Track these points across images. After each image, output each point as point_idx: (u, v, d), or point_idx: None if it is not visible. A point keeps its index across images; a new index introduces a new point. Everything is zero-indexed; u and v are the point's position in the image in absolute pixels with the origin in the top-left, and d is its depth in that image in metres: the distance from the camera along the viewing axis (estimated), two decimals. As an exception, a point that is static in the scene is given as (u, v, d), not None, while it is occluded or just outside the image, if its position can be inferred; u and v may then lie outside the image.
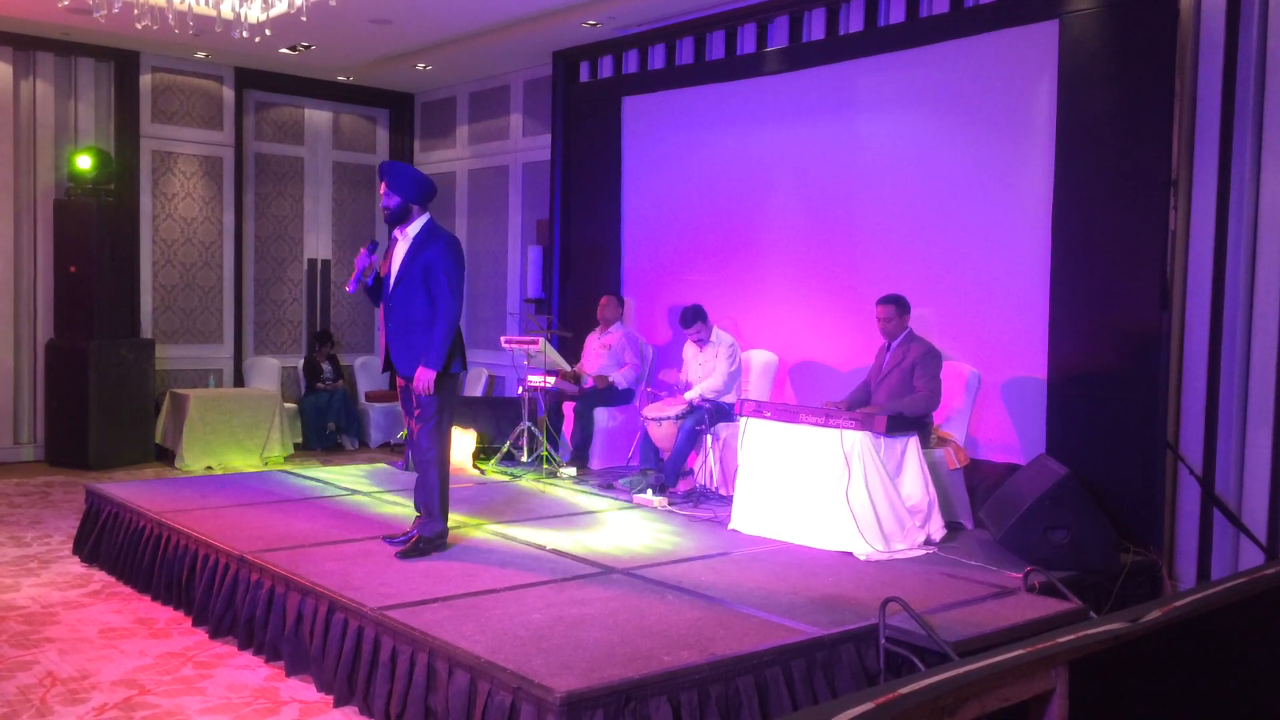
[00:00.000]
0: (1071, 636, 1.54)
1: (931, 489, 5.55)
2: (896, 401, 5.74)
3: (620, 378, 7.82)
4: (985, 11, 6.36)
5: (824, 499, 5.36)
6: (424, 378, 4.97)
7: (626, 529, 5.73)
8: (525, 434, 7.84)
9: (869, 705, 1.28)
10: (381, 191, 5.10)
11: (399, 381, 5.32)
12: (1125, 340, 5.66)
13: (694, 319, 6.96)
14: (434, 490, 5.08)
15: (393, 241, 5.21)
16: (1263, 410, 5.36)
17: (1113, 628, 1.58)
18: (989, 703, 1.42)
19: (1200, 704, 1.86)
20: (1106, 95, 5.74)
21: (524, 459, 7.77)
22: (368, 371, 11.03)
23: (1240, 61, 5.44)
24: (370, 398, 10.68)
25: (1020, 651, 1.47)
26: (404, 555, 4.94)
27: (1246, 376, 5.44)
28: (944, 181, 6.52)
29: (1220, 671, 1.91)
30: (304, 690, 4.21)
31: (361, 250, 5.20)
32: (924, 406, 5.77)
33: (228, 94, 10.14)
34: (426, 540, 5.03)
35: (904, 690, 1.29)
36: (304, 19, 6.81)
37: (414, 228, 5.08)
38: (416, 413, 5.13)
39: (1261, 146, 5.38)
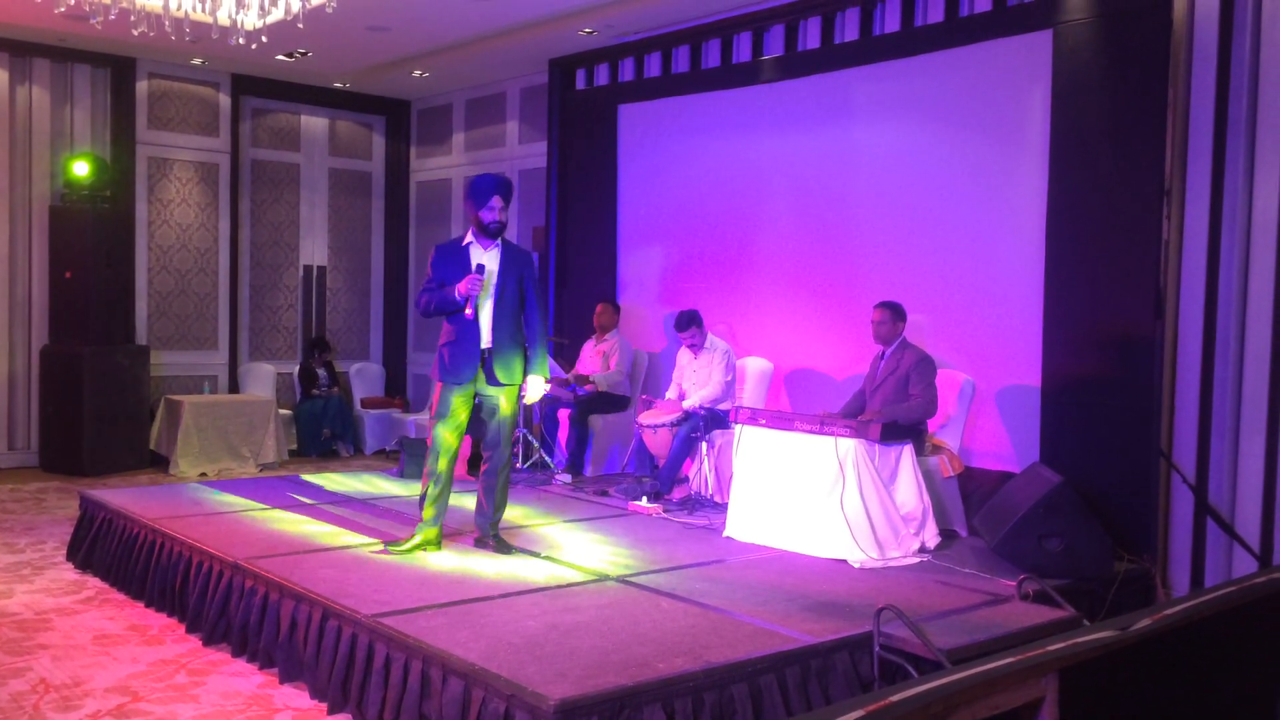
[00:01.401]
0: (1061, 644, 1.55)
1: (926, 496, 5.56)
2: (892, 408, 5.75)
3: (602, 380, 7.79)
4: (979, 21, 6.38)
5: (819, 506, 5.36)
6: (540, 387, 5.32)
7: (621, 536, 5.73)
8: (521, 441, 7.84)
9: (860, 712, 1.28)
10: (498, 205, 5.16)
11: (459, 393, 5.24)
12: (1119, 348, 5.68)
13: (689, 323, 6.97)
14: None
15: (464, 250, 5.24)
16: (1255, 418, 5.37)
17: (1103, 636, 1.59)
18: (979, 710, 1.42)
19: (1190, 712, 1.87)
20: (1100, 105, 5.76)
21: (519, 466, 7.77)
22: (363, 378, 11.03)
23: (1233, 71, 5.46)
24: (365, 404, 10.67)
25: (1010, 659, 1.48)
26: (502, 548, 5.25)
27: (1239, 385, 5.45)
28: (939, 190, 6.54)
29: (1210, 679, 1.91)
30: (297, 698, 4.20)
31: (475, 275, 5.10)
32: (920, 413, 5.78)
33: (224, 100, 10.14)
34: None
35: (894, 698, 1.29)
36: (301, 26, 6.81)
37: (499, 240, 5.29)
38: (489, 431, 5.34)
39: (1254, 156, 5.40)
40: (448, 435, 5.27)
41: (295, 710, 4.08)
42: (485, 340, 5.20)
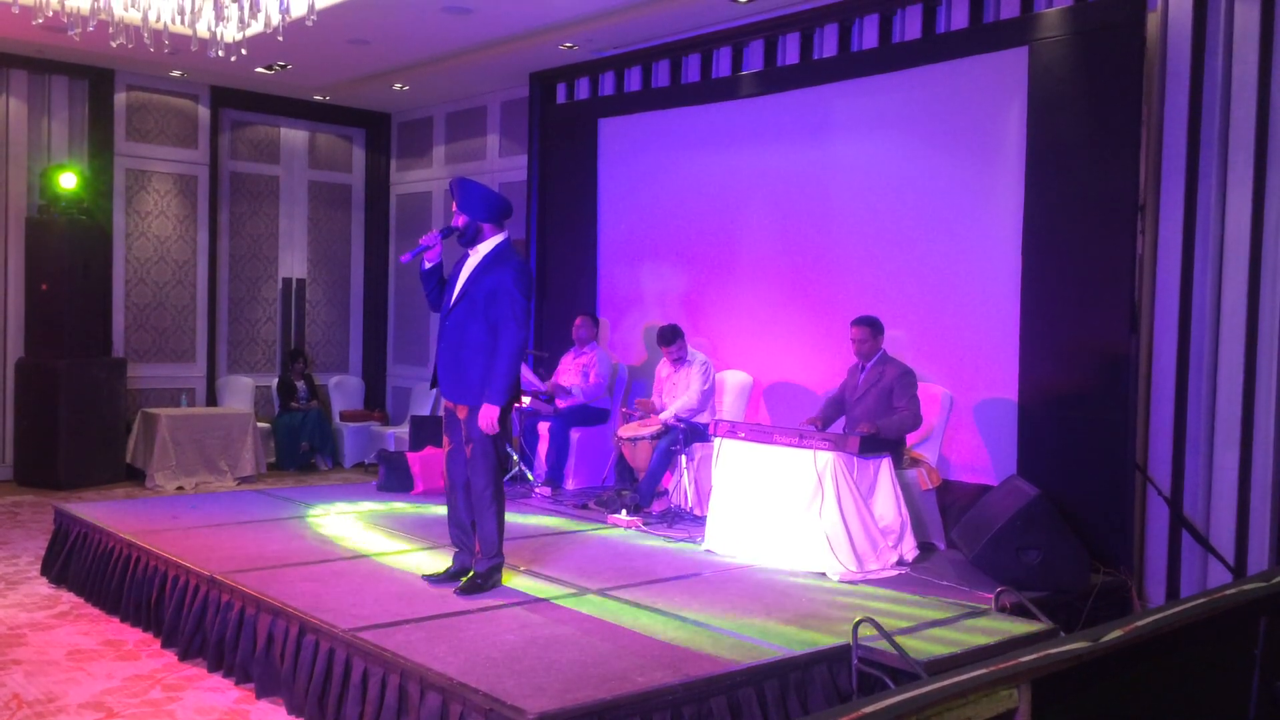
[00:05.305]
0: (1034, 655, 1.56)
1: (904, 509, 5.58)
2: (880, 422, 5.76)
3: (580, 391, 7.77)
4: (956, 38, 6.44)
5: (797, 519, 5.37)
6: (488, 415, 4.67)
7: (601, 549, 5.73)
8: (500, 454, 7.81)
9: (832, 725, 1.29)
10: (453, 209, 4.83)
11: (445, 403, 4.95)
12: (1095, 362, 5.73)
13: (674, 337, 7.01)
14: (494, 526, 4.76)
15: (463, 257, 4.97)
16: (1229, 431, 5.43)
17: (1074, 647, 1.60)
18: (952, 721, 1.43)
19: (1162, 723, 1.88)
20: (1075, 121, 5.82)
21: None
22: (342, 391, 10.99)
23: (1206, 89, 5.53)
24: (344, 417, 10.63)
25: (982, 670, 1.49)
26: (465, 592, 4.68)
27: (1213, 399, 5.51)
28: (917, 205, 6.59)
29: (1182, 690, 1.93)
30: (274, 713, 4.17)
31: (434, 230, 4.86)
32: (909, 425, 5.79)
33: (203, 113, 10.11)
34: (483, 576, 4.74)
35: (866, 710, 1.30)
36: (281, 39, 6.81)
37: (485, 246, 4.85)
38: (469, 447, 4.80)
39: (1227, 172, 5.47)
40: None
41: (272, 725, 4.05)
42: (440, 351, 4.93)
